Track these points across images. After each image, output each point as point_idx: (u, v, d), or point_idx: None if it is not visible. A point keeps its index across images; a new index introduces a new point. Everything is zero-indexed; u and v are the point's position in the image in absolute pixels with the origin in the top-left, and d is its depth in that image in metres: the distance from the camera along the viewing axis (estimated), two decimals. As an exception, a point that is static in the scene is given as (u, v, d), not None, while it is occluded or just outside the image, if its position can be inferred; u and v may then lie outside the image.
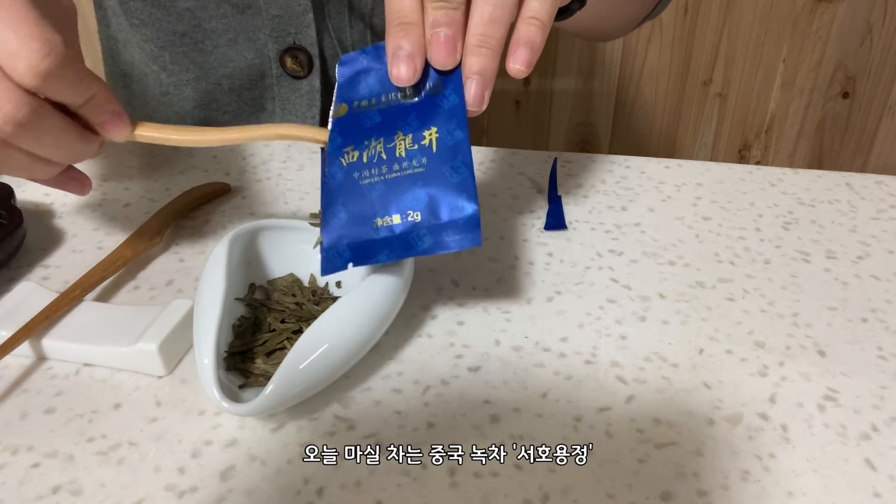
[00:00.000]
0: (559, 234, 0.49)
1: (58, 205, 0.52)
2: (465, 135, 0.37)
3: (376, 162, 0.37)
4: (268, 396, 0.32)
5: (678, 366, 0.38)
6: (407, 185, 0.36)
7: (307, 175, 0.56)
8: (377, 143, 0.37)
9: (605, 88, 1.33)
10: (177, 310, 0.38)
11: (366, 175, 0.37)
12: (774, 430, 0.34)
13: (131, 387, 0.36)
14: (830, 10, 1.22)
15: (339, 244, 0.37)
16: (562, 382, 0.37)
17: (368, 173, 0.37)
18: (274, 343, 0.37)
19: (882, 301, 0.43)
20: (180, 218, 0.50)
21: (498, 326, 0.40)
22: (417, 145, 0.37)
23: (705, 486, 0.31)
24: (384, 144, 0.37)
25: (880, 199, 0.53)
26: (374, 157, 0.37)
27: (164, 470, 0.32)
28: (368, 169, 0.37)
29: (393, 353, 0.38)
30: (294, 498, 0.31)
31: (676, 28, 1.26)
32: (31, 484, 0.32)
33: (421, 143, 0.37)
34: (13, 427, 0.34)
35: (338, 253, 0.36)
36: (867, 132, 1.33)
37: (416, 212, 0.36)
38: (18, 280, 0.44)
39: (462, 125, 0.37)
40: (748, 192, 0.54)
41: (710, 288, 0.44)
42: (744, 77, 1.29)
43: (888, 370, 0.38)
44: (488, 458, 0.33)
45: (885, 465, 0.33)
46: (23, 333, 0.37)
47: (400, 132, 0.37)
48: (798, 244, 0.48)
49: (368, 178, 0.37)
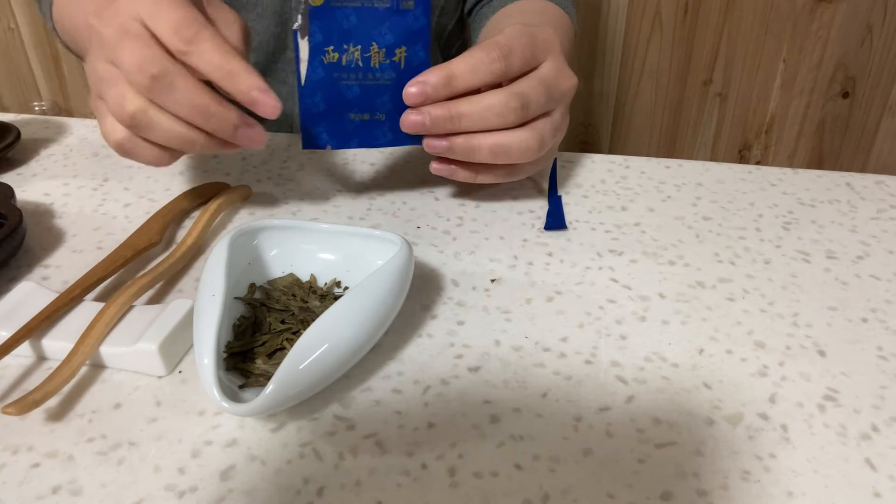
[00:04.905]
0: (559, 234, 0.49)
1: (58, 205, 0.52)
2: (427, 56, 0.46)
3: (353, 68, 0.46)
4: (268, 396, 0.32)
5: (678, 366, 0.38)
6: (378, 92, 0.46)
7: (307, 175, 0.56)
8: (355, 49, 0.45)
9: (605, 88, 1.33)
10: (177, 310, 0.38)
11: (344, 77, 0.46)
12: (774, 430, 0.34)
13: (131, 387, 0.36)
14: (830, 10, 1.22)
15: (318, 127, 0.47)
16: (562, 382, 0.37)
17: (346, 76, 0.46)
18: (274, 343, 0.37)
19: (882, 301, 0.43)
20: (180, 218, 0.50)
21: (498, 326, 0.40)
22: (389, 60, 0.46)
23: (705, 486, 0.31)
24: (361, 53, 0.45)
25: (880, 199, 0.53)
26: (352, 62, 0.45)
27: (164, 470, 0.32)
28: (347, 73, 0.46)
29: (393, 353, 0.38)
30: (294, 498, 0.31)
31: (676, 28, 1.26)
32: (31, 484, 0.32)
33: (392, 59, 0.46)
34: (13, 427, 0.34)
35: (317, 135, 0.47)
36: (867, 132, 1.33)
37: (382, 113, 0.47)
38: (18, 280, 0.44)
39: (426, 47, 0.46)
40: (748, 192, 0.54)
41: (710, 288, 0.44)
42: (744, 77, 1.29)
43: (888, 370, 0.38)
44: (488, 458, 0.33)
45: (885, 465, 0.33)
46: (23, 333, 0.37)
47: (375, 44, 0.45)
48: (798, 244, 0.48)
49: (346, 80, 0.46)
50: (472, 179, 0.48)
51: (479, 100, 0.44)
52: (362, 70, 0.46)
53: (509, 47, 0.44)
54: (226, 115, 0.40)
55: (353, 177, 0.56)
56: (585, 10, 1.26)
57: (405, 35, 0.45)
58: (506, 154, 0.45)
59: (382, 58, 0.45)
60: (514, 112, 0.44)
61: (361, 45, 0.45)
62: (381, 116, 0.47)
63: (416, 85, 0.44)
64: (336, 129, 0.47)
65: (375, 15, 0.45)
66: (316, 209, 0.52)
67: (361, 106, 0.47)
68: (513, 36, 0.45)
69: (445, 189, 0.54)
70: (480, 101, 0.44)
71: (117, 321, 0.38)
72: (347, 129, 0.47)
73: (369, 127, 0.47)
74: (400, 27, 0.45)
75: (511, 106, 0.44)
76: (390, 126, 0.47)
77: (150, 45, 0.38)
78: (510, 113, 0.44)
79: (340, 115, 0.47)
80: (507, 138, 0.45)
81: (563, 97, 0.47)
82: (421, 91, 0.44)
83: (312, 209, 0.52)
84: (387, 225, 0.50)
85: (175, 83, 0.38)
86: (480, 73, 0.44)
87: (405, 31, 0.45)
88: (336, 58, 0.45)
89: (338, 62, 0.45)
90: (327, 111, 0.46)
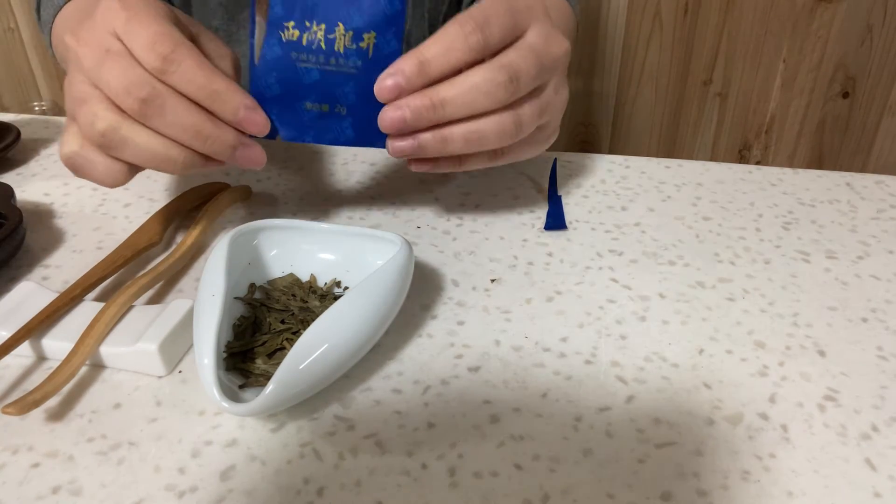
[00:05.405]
0: (559, 234, 0.49)
1: (58, 205, 0.52)
2: (400, 47, 0.41)
3: (315, 49, 0.40)
4: (268, 396, 0.32)
5: (678, 366, 0.38)
6: (340, 81, 0.41)
7: (307, 175, 0.56)
8: (318, 28, 0.40)
9: (605, 88, 1.33)
10: (177, 310, 0.38)
11: (303, 58, 0.41)
12: (774, 430, 0.34)
13: (131, 387, 0.36)
14: (830, 10, 1.22)
15: (270, 112, 0.41)
16: (562, 382, 0.37)
17: (306, 57, 0.41)
18: (274, 343, 0.37)
19: (882, 301, 0.43)
20: (180, 218, 0.50)
21: (498, 326, 0.40)
22: (356, 46, 0.40)
23: (705, 486, 0.31)
24: (325, 33, 0.40)
25: (880, 199, 0.53)
26: (313, 42, 0.40)
27: (164, 470, 0.32)
28: (307, 53, 0.41)
29: (393, 353, 0.38)
30: (294, 498, 0.31)
31: (676, 28, 1.26)
32: (31, 484, 0.32)
33: (359, 44, 0.40)
34: (13, 427, 0.34)
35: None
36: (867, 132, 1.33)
37: (343, 106, 0.42)
38: (18, 280, 0.44)
39: (399, 35, 0.41)
40: (748, 192, 0.54)
41: (710, 288, 0.44)
42: (744, 77, 1.29)
43: (888, 370, 0.38)
44: (488, 458, 0.33)
45: (885, 465, 0.33)
46: (23, 333, 0.37)
47: (341, 24, 0.40)
48: (798, 244, 0.48)
49: (305, 62, 0.41)
50: (456, 169, 0.44)
51: (461, 81, 0.39)
52: (324, 53, 0.40)
53: (485, 17, 0.39)
54: (222, 136, 0.38)
55: (353, 177, 0.56)
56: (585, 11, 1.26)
57: (377, 19, 0.40)
58: (482, 141, 0.41)
59: (348, 42, 0.40)
60: (503, 87, 0.39)
61: (326, 23, 0.40)
62: (342, 110, 0.42)
63: (390, 77, 0.39)
64: (289, 118, 0.42)
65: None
66: (316, 209, 0.52)
67: (320, 94, 0.41)
68: (487, 5, 0.40)
69: (445, 189, 0.54)
70: (464, 82, 0.39)
71: (117, 321, 0.38)
72: (303, 119, 0.42)
73: (328, 120, 0.42)
74: (372, 10, 0.40)
75: (498, 81, 0.39)
76: (352, 122, 0.42)
77: (133, 65, 0.37)
78: (498, 89, 0.39)
79: (295, 102, 0.41)
80: (480, 124, 0.40)
81: (555, 65, 0.42)
82: (395, 84, 0.39)
83: (312, 209, 0.52)
84: (387, 225, 0.50)
85: (165, 105, 0.37)
86: (457, 51, 0.39)
87: (377, 14, 0.40)
88: (296, 35, 0.40)
89: (297, 41, 0.40)
90: (281, 95, 0.41)
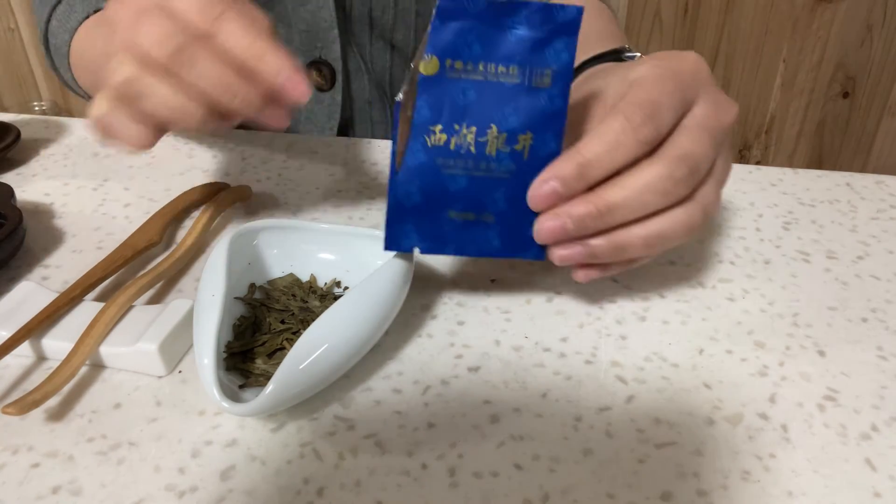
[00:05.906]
0: (559, 234, 0.49)
1: (58, 205, 0.52)
2: (559, 147, 0.36)
3: (464, 154, 0.36)
4: (268, 396, 0.32)
5: (678, 366, 0.38)
6: (490, 187, 0.37)
7: (307, 175, 0.56)
8: (468, 132, 0.36)
9: (605, 88, 1.33)
10: (177, 310, 0.38)
11: (450, 164, 0.36)
12: (774, 430, 0.34)
13: (131, 387, 0.36)
14: (830, 10, 1.22)
15: (407, 224, 0.37)
16: (562, 382, 0.37)
17: (454, 163, 0.36)
18: (274, 343, 0.37)
19: (882, 301, 0.43)
20: (180, 218, 0.50)
21: (498, 326, 0.40)
22: (510, 148, 0.36)
23: (705, 486, 0.31)
24: (476, 136, 0.36)
25: (880, 199, 0.53)
26: (462, 146, 0.36)
27: (164, 470, 0.32)
28: (454, 159, 0.36)
29: (393, 353, 0.38)
30: (294, 498, 0.31)
31: (676, 28, 1.26)
32: (31, 484, 0.32)
33: (514, 146, 0.36)
34: (13, 427, 0.34)
35: (404, 233, 0.37)
36: (867, 132, 1.33)
37: (491, 214, 0.37)
38: (18, 280, 0.44)
39: (559, 135, 0.36)
40: (748, 192, 0.54)
41: (710, 288, 0.44)
42: (744, 77, 1.29)
43: (888, 370, 0.38)
44: (488, 458, 0.33)
45: (885, 465, 0.33)
46: (23, 333, 0.37)
47: (494, 126, 0.36)
48: (798, 244, 0.48)
49: (452, 168, 0.36)
50: (626, 268, 0.39)
51: (631, 182, 0.34)
52: (474, 158, 0.36)
53: (654, 104, 0.34)
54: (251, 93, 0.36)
55: (353, 177, 0.56)
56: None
57: (534, 118, 0.36)
58: (665, 243, 0.36)
59: (501, 144, 0.36)
60: (683, 183, 0.34)
61: (477, 126, 0.36)
62: (490, 218, 0.37)
63: (545, 183, 0.35)
64: (429, 229, 0.37)
65: (500, 91, 0.35)
66: (316, 209, 0.52)
67: (466, 203, 0.37)
68: (652, 85, 0.35)
69: (445, 189, 0.54)
70: (634, 183, 0.34)
71: (117, 321, 0.38)
72: (444, 229, 0.37)
73: (472, 230, 0.37)
74: (529, 109, 0.36)
75: (677, 177, 0.34)
76: (500, 231, 0.37)
77: (169, 19, 0.35)
78: (678, 187, 0.34)
79: (438, 213, 0.37)
80: (662, 225, 0.36)
81: (726, 135, 0.37)
82: (552, 191, 0.35)
83: (312, 209, 0.52)
84: (387, 225, 0.50)
85: (197, 56, 0.35)
86: (625, 148, 0.34)
87: (535, 113, 0.36)
88: (443, 140, 0.36)
89: (444, 146, 0.36)
90: (422, 205, 0.37)
